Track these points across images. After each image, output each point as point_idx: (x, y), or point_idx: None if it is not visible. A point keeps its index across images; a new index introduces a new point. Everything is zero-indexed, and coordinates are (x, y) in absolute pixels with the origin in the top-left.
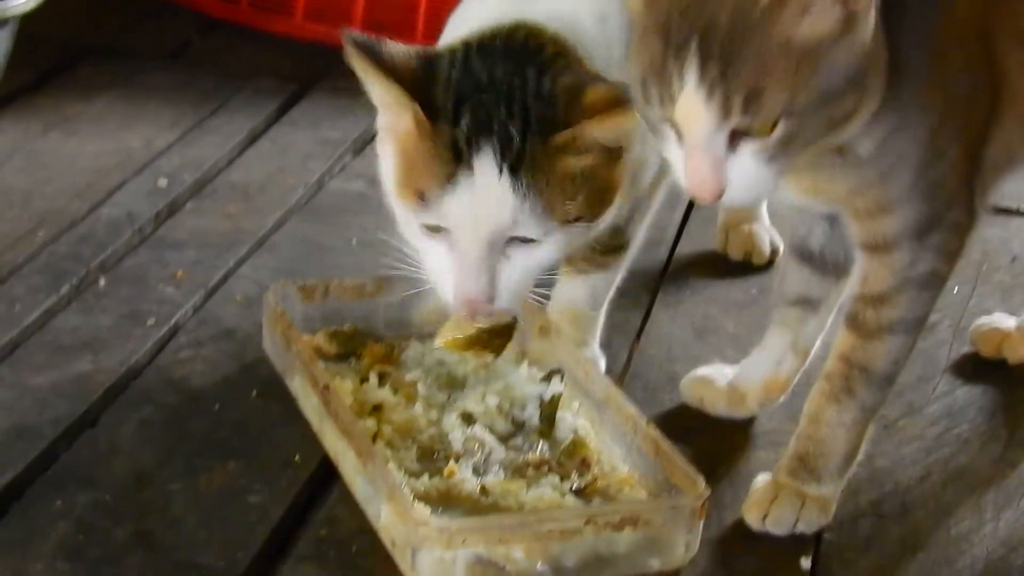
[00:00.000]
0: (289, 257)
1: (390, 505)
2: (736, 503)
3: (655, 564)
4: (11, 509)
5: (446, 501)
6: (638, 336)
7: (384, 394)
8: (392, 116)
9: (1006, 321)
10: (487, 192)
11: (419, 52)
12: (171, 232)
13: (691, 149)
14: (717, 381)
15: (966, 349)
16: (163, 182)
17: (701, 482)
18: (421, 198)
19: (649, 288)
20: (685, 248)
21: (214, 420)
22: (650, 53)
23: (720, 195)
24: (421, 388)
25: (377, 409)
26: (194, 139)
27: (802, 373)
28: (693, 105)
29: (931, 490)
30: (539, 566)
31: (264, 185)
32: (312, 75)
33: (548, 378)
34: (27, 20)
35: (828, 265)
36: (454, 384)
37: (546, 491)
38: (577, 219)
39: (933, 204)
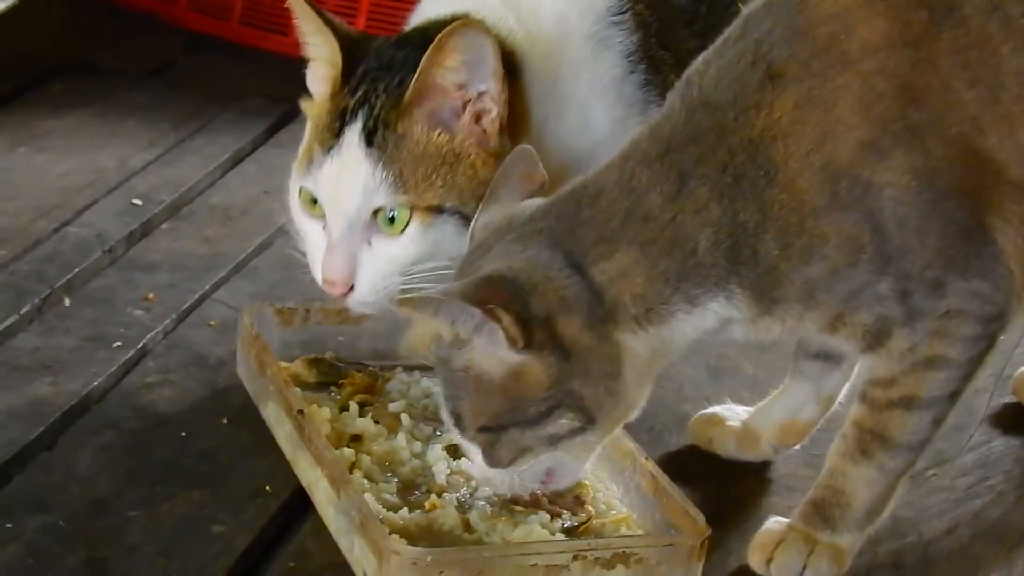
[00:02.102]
0: (270, 282)
1: (361, 535)
2: (743, 551)
3: None
4: None
5: (427, 536)
6: None
7: (364, 424)
8: (318, 75)
9: None
10: (349, 163)
11: (354, 29)
12: (143, 254)
13: None
14: (729, 420)
15: (1007, 399)
16: (137, 202)
17: (701, 520)
18: (307, 167)
19: None
20: None
21: (180, 447)
22: None
23: None
24: (405, 419)
25: (356, 439)
26: (172, 159)
27: (824, 419)
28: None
29: (957, 543)
30: None
31: (247, 208)
32: (300, 93)
33: None
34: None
35: None
36: (441, 417)
37: (534, 528)
38: (439, 208)
39: (904, 295)
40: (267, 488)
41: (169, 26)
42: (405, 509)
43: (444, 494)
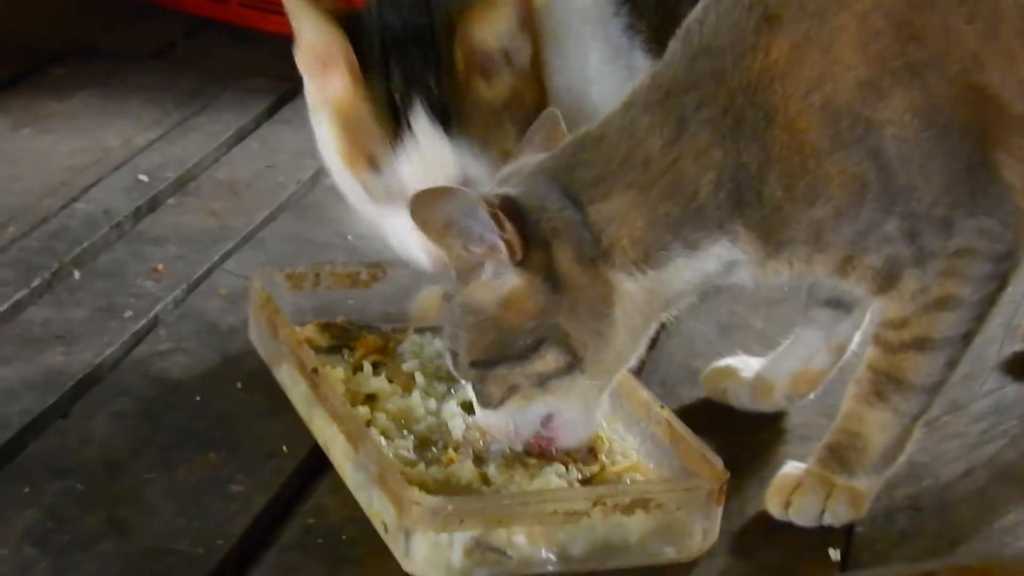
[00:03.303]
0: (278, 253)
1: (381, 487)
2: (761, 497)
3: (670, 553)
4: None
5: (445, 490)
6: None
7: (379, 383)
8: (323, 73)
9: None
10: (431, 148)
11: (345, 9)
12: (151, 228)
13: None
14: (742, 371)
15: (1017, 347)
16: (143, 178)
17: (719, 464)
18: (372, 164)
19: None
20: None
21: (194, 412)
22: None
23: None
24: (419, 378)
25: (371, 399)
26: (177, 137)
27: (837, 369)
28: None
29: (974, 486)
30: (543, 553)
31: (252, 182)
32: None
33: None
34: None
35: None
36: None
37: (551, 479)
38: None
39: (912, 235)
40: (283, 448)
41: (169, 10)
42: (422, 465)
43: (460, 449)
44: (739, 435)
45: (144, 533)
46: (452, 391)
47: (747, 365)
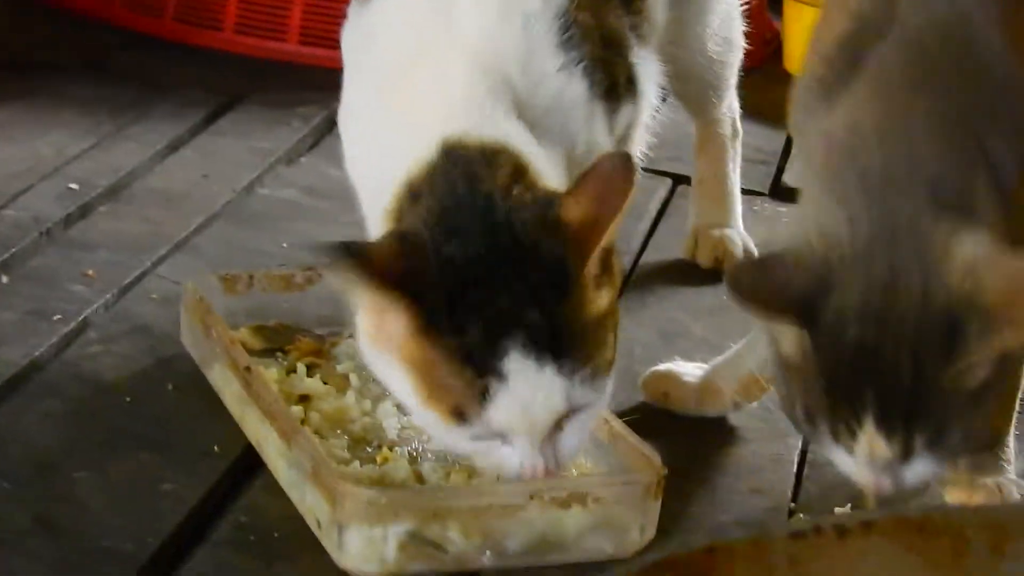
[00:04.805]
0: (213, 259)
1: (315, 482)
2: (702, 497)
3: (608, 549)
4: None
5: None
6: None
7: (313, 384)
8: (380, 321)
9: None
10: (531, 389)
11: (400, 248)
12: (83, 234)
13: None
14: (684, 376)
15: None
16: (74, 187)
17: (657, 459)
18: (460, 416)
19: None
20: (652, 258)
21: (126, 413)
22: (811, 394)
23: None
24: (353, 379)
25: (305, 399)
26: (111, 146)
27: None
28: (876, 441)
29: None
30: (479, 548)
31: (187, 191)
32: (243, 88)
33: None
34: None
35: None
36: None
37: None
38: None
39: None
40: (216, 448)
41: (104, 24)
42: (357, 463)
43: (395, 448)
44: (680, 438)
45: (74, 531)
46: (387, 392)
47: (687, 370)
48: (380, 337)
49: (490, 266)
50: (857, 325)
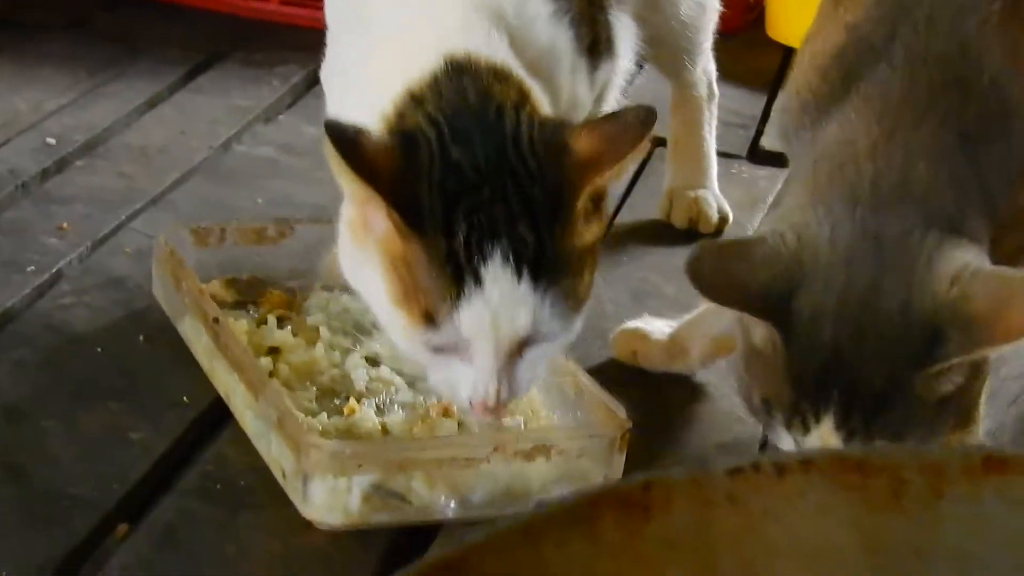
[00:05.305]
0: (188, 214)
1: (280, 433)
2: (668, 453)
3: None
4: None
5: (346, 440)
6: None
7: (283, 336)
8: (364, 212)
9: None
10: (503, 302)
11: (398, 142)
12: (58, 188)
13: None
14: (653, 334)
15: None
16: (51, 141)
17: (622, 413)
18: (429, 320)
19: None
20: (627, 218)
21: (96, 363)
22: (773, 385)
23: None
24: (323, 332)
25: (274, 351)
26: (88, 103)
27: None
28: (830, 438)
29: None
30: (443, 499)
31: (164, 147)
32: (223, 47)
33: None
34: None
35: None
36: (361, 331)
37: (452, 431)
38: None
39: None
40: (185, 399)
41: None
42: (324, 415)
43: (363, 400)
44: (647, 394)
45: (42, 479)
46: (356, 345)
47: (656, 328)
48: (361, 228)
49: (491, 175)
50: (833, 326)
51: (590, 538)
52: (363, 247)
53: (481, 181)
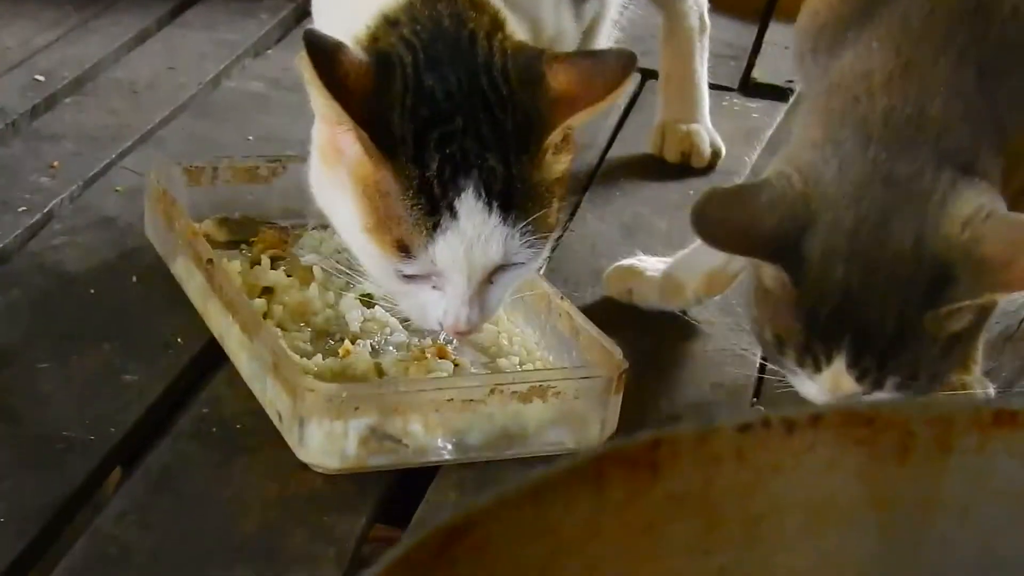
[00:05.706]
0: (178, 152)
1: (275, 376)
2: (664, 392)
3: (569, 443)
4: None
5: (340, 381)
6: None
7: (276, 276)
8: (335, 134)
9: None
10: (477, 235)
11: (373, 62)
12: (47, 126)
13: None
14: (647, 271)
15: None
16: (40, 78)
17: (618, 353)
18: (402, 250)
19: (576, 190)
20: (619, 152)
21: (89, 304)
22: (784, 323)
23: None
24: (317, 272)
25: (268, 291)
26: (76, 38)
27: None
28: (843, 378)
29: None
30: (440, 441)
31: (153, 83)
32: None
33: None
34: None
35: None
36: (354, 270)
37: (446, 372)
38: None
39: None
40: (179, 340)
41: None
42: (319, 356)
43: (357, 341)
44: (642, 333)
45: (35, 421)
46: (351, 285)
47: (651, 265)
48: (332, 151)
49: (463, 104)
50: (843, 267)
51: (597, 498)
52: (334, 170)
53: (453, 110)
